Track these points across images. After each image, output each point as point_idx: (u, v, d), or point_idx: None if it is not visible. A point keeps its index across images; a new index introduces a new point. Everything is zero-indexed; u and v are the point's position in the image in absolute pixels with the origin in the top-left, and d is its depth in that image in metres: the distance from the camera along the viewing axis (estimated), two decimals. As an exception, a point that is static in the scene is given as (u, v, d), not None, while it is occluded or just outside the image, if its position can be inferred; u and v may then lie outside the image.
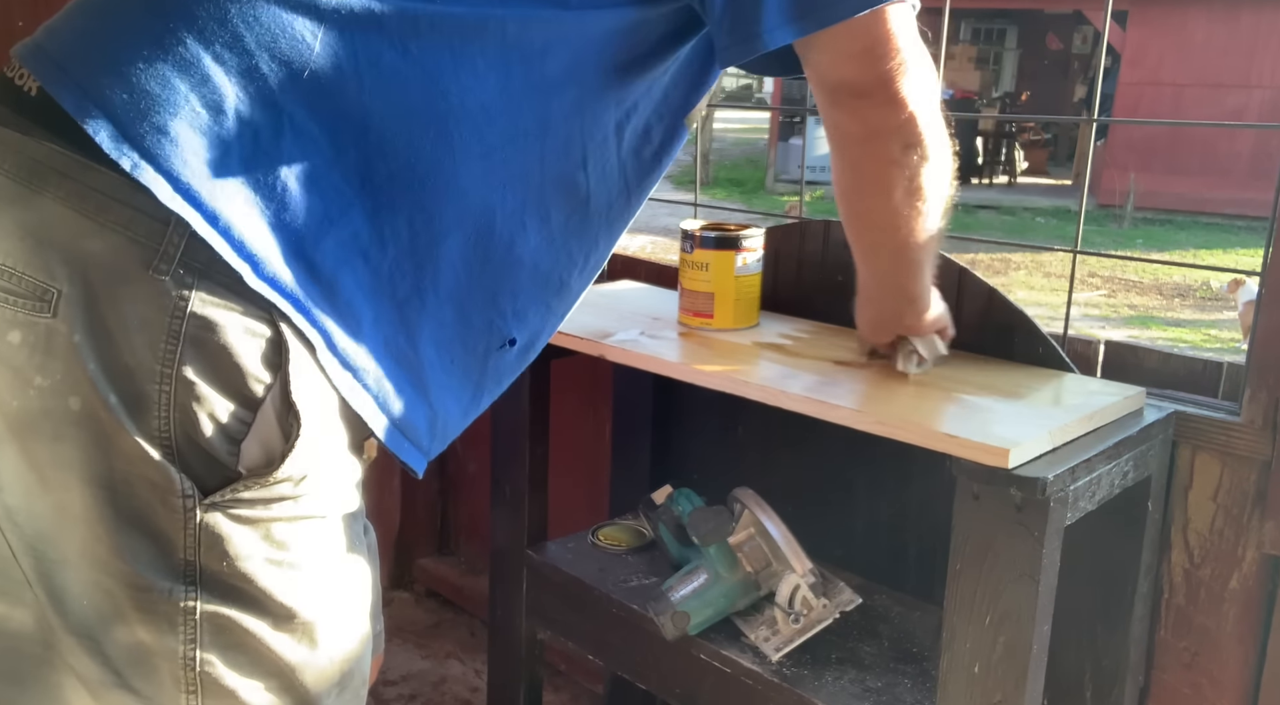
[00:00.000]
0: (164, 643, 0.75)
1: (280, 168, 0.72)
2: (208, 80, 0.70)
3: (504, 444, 1.51)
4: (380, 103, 0.75)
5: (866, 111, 0.86)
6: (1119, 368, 1.27)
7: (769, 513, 1.28)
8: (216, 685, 0.77)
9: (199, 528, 0.73)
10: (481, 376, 0.90)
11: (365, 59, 0.74)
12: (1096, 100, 1.66)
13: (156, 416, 0.71)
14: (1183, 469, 1.21)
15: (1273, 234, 1.15)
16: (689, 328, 1.37)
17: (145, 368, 0.70)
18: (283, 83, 0.72)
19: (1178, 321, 7.19)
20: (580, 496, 1.88)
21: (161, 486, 0.72)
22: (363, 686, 0.89)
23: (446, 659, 2.10)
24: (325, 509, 0.80)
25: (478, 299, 0.85)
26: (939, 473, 1.01)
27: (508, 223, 0.83)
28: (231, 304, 0.71)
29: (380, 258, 0.77)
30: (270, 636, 0.78)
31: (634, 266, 1.77)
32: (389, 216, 0.77)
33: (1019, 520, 0.96)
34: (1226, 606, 1.20)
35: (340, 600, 0.83)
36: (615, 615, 1.38)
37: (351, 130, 0.74)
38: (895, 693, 1.20)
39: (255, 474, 0.74)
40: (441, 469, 2.30)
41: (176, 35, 0.71)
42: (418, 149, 0.76)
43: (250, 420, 0.73)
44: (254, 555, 0.75)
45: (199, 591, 0.74)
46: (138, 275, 0.70)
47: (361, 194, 0.75)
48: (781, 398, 1.12)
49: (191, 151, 0.70)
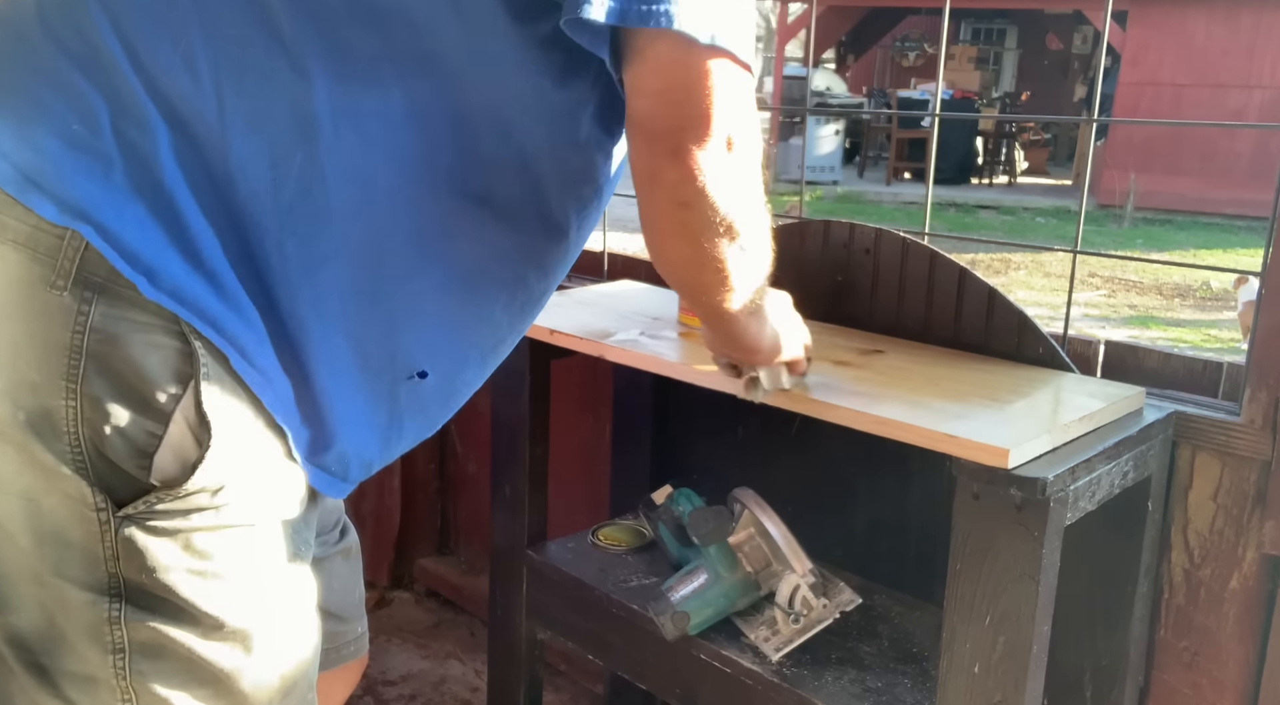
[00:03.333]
0: (96, 654, 0.75)
1: (163, 180, 0.71)
2: (82, 97, 0.70)
3: (504, 444, 1.51)
4: (241, 120, 0.73)
5: (654, 153, 0.78)
6: (1119, 368, 1.27)
7: (769, 513, 1.28)
8: (151, 695, 0.77)
9: (116, 540, 0.73)
10: (394, 405, 0.86)
11: (227, 75, 0.72)
12: (1096, 100, 1.66)
13: (66, 432, 0.71)
14: (1183, 469, 1.21)
15: (1273, 234, 1.15)
16: (689, 328, 1.37)
17: (50, 385, 0.70)
18: (153, 95, 0.71)
19: (1178, 321, 7.18)
20: (580, 496, 1.88)
21: (77, 500, 0.72)
22: (309, 691, 0.87)
23: (446, 659, 2.11)
24: (251, 517, 0.78)
25: (372, 331, 0.81)
26: (939, 473, 1.01)
27: (399, 256, 0.80)
28: (133, 317, 0.71)
29: (266, 276, 0.76)
30: (200, 646, 0.77)
31: (634, 266, 1.78)
32: (261, 236, 0.75)
33: (1019, 520, 0.96)
34: (1226, 606, 1.20)
35: (277, 607, 0.82)
36: (615, 615, 1.38)
37: (216, 148, 0.73)
38: (895, 693, 1.20)
39: (169, 485, 0.73)
40: (441, 469, 2.30)
41: (44, 56, 0.71)
42: (283, 172, 0.74)
43: (161, 432, 0.73)
44: (175, 566, 0.75)
45: (124, 604, 0.74)
46: (38, 293, 0.70)
47: (234, 211, 0.74)
48: (781, 398, 1.12)
49: (75, 170, 0.70)
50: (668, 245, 0.83)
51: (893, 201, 11.89)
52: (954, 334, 1.30)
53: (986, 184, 13.10)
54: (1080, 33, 15.52)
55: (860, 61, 17.04)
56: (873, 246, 1.36)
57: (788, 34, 14.77)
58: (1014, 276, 8.31)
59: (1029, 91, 15.71)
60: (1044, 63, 16.38)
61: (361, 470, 0.88)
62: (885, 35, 16.64)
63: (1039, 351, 1.24)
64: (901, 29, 16.80)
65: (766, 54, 17.07)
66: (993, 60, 16.40)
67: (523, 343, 1.40)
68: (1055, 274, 8.35)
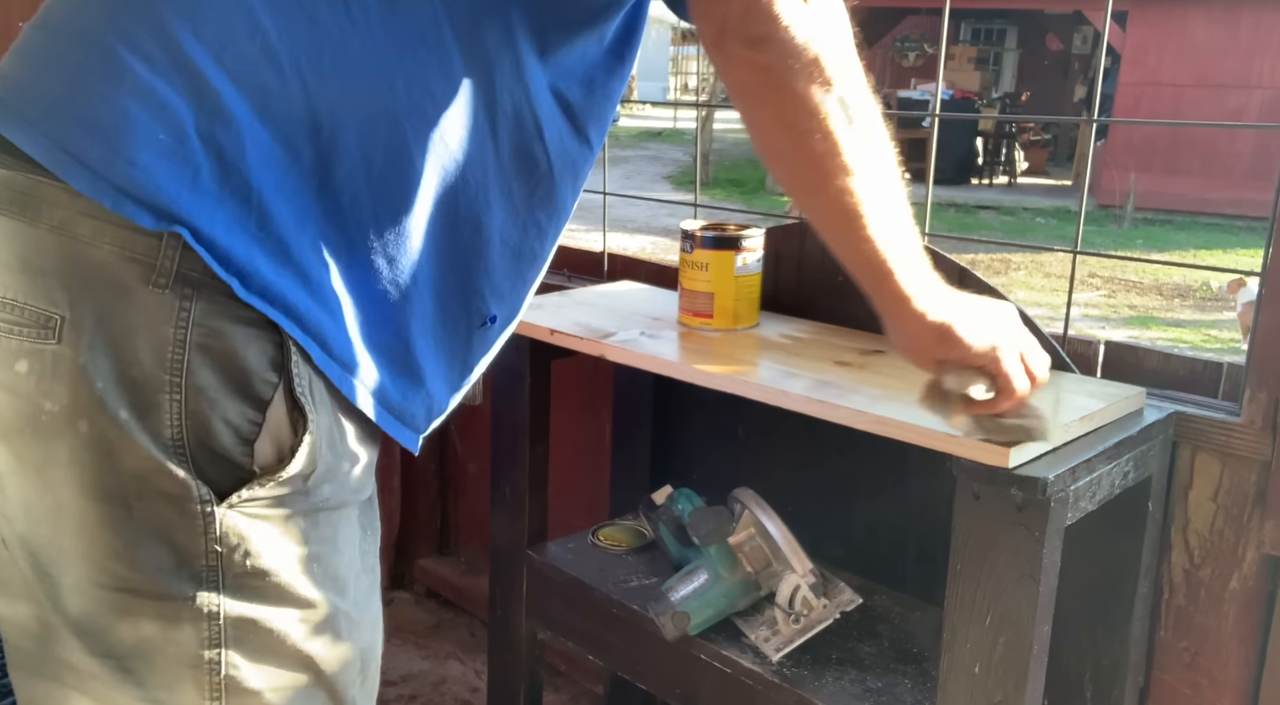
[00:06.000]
0: (187, 649, 0.76)
1: (249, 180, 0.72)
2: (165, 105, 0.71)
3: (504, 444, 1.51)
4: (326, 102, 0.74)
5: (714, 9, 0.76)
6: (1119, 368, 1.27)
7: (769, 513, 1.28)
8: (240, 687, 0.78)
9: (219, 530, 0.75)
10: (467, 355, 0.90)
11: (306, 59, 0.73)
12: (1096, 100, 1.66)
13: (169, 426, 0.72)
14: (1183, 469, 1.21)
15: (1273, 234, 1.15)
16: (689, 328, 1.37)
17: (154, 379, 0.72)
18: (232, 94, 0.72)
19: (1178, 322, 7.19)
20: (580, 496, 1.88)
21: (178, 495, 0.73)
22: (378, 675, 0.90)
23: (446, 659, 2.11)
24: (339, 499, 0.81)
25: (452, 283, 0.85)
26: (939, 473, 1.01)
27: (472, 205, 0.83)
28: (233, 311, 0.73)
29: (350, 257, 0.78)
30: (294, 630, 0.79)
31: (634, 266, 1.78)
32: (353, 215, 0.77)
33: (1019, 520, 0.96)
34: (1226, 607, 1.20)
35: (358, 587, 0.85)
36: (615, 615, 1.38)
37: (303, 132, 0.74)
38: (895, 693, 1.20)
39: (268, 471, 0.75)
40: (441, 469, 2.30)
41: (124, 65, 0.71)
42: (371, 144, 0.76)
43: (261, 420, 0.74)
44: (274, 550, 0.77)
45: (221, 594, 0.76)
46: (138, 290, 0.71)
47: (321, 196, 0.76)
48: (781, 398, 1.12)
49: (164, 177, 0.70)
50: (758, 116, 0.78)
51: (893, 201, 11.87)
52: (954, 334, 1.30)
53: (986, 184, 13.11)
54: (1080, 33, 15.53)
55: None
56: (873, 246, 1.35)
57: (788, 34, 14.73)
58: (1014, 277, 8.31)
59: (1029, 92, 15.73)
60: (1044, 63, 16.39)
61: (432, 420, 0.90)
62: (885, 35, 16.64)
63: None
64: (901, 29, 16.80)
65: (766, 54, 16.99)
66: (993, 60, 16.41)
67: (523, 343, 1.41)
68: (1055, 274, 8.36)
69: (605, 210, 1.88)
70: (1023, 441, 0.92)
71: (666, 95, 25.66)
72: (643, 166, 14.95)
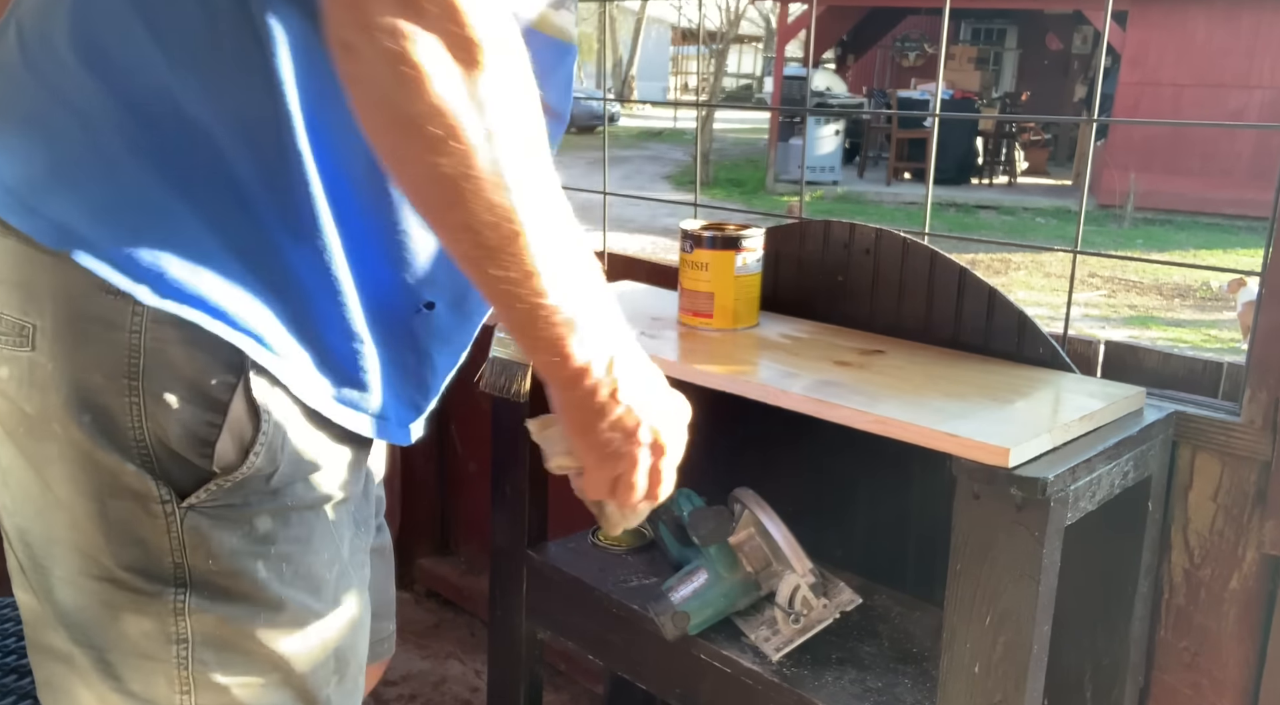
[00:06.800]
0: (157, 644, 0.77)
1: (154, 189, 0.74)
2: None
3: (504, 444, 1.51)
4: (210, 112, 0.73)
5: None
6: (1119, 368, 1.27)
7: (769, 513, 1.28)
8: (210, 683, 0.79)
9: (182, 530, 0.76)
10: (414, 341, 0.88)
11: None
12: (1096, 100, 1.66)
13: (130, 429, 0.74)
14: (1183, 469, 1.21)
15: (1273, 234, 1.15)
16: (689, 328, 1.37)
17: (113, 385, 0.73)
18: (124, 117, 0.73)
19: (1178, 321, 7.19)
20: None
21: (142, 495, 0.75)
22: (360, 675, 0.90)
23: (446, 659, 2.11)
24: (314, 498, 0.81)
25: (382, 275, 0.82)
26: (939, 473, 1.01)
27: (387, 199, 0.81)
28: (186, 314, 0.73)
29: (273, 255, 0.77)
30: (262, 630, 0.79)
31: (634, 267, 1.78)
32: (259, 205, 0.76)
33: (1019, 520, 0.96)
34: (1226, 606, 1.20)
35: (334, 590, 0.84)
36: (615, 615, 1.38)
37: (204, 145, 0.74)
38: (895, 693, 1.20)
39: (228, 471, 0.76)
40: (441, 469, 2.30)
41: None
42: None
43: (220, 421, 0.75)
44: (238, 551, 0.77)
45: (189, 592, 0.77)
46: (94, 297, 0.72)
47: (227, 189, 0.75)
48: (781, 398, 1.12)
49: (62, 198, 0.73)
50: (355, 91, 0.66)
51: (893, 202, 11.90)
52: (954, 334, 1.30)
53: (986, 184, 13.11)
54: (1080, 33, 15.54)
55: (860, 62, 17.06)
56: (873, 246, 1.36)
57: (788, 34, 14.78)
58: (1014, 276, 8.31)
59: (1029, 91, 15.73)
60: (1044, 63, 16.39)
61: (411, 411, 0.90)
62: (885, 35, 16.66)
63: (1039, 351, 1.24)
64: (901, 29, 16.82)
65: (767, 54, 17.05)
66: (993, 60, 16.41)
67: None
68: (1055, 274, 8.36)
69: (605, 210, 1.88)
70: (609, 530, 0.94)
71: (666, 95, 25.66)
72: (643, 166, 14.97)
